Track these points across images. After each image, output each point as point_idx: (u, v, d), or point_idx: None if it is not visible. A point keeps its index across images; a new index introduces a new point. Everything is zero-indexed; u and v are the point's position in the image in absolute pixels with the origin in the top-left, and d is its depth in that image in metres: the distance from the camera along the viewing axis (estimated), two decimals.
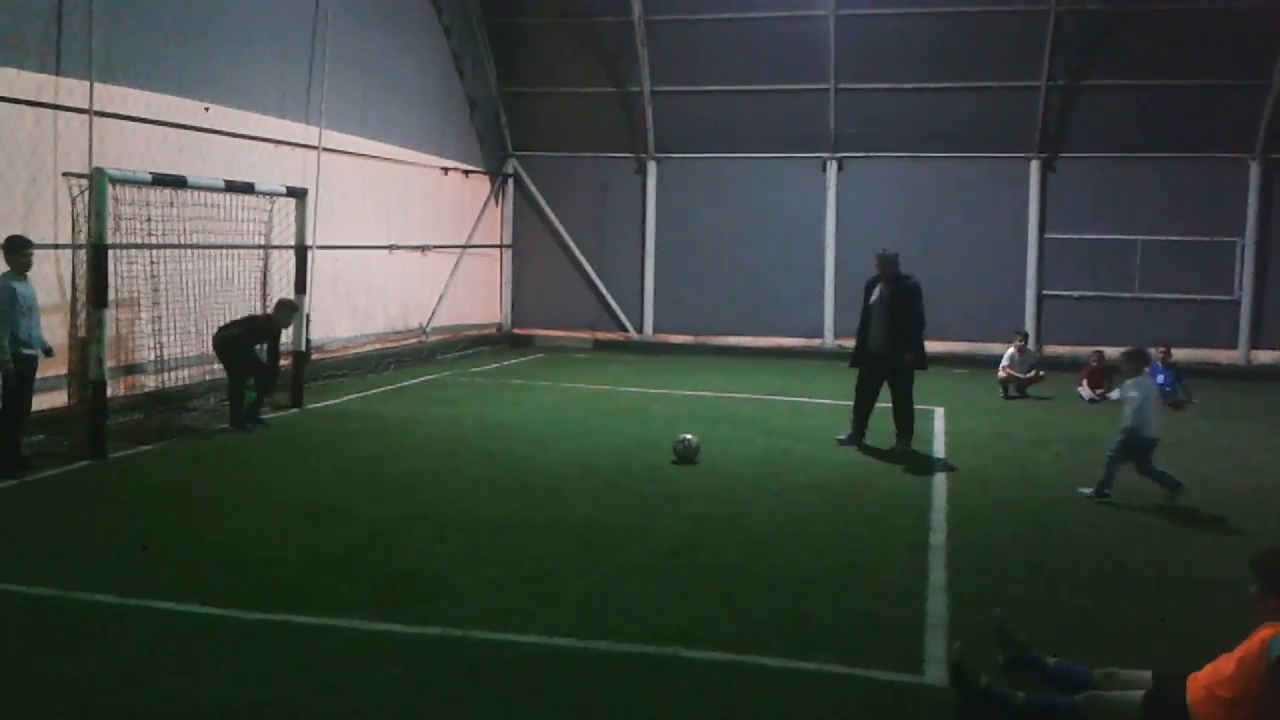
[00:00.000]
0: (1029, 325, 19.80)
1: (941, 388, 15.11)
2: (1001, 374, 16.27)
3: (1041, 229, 20.29)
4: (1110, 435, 9.51)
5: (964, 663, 5.07)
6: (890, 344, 11.54)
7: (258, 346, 12.07)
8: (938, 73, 19.90)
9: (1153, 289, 19.75)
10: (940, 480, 10.16)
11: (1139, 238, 19.77)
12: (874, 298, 11.73)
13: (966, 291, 19.72)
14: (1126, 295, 19.90)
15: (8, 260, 9.35)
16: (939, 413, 13.98)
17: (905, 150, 20.64)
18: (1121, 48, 19.29)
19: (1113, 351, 17.81)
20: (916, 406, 11.82)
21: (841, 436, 11.82)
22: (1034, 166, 20.21)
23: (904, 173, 20.76)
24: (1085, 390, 15.98)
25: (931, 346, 12.07)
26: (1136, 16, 18.98)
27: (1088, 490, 9.51)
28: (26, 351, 9.33)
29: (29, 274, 9.52)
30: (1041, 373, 16.41)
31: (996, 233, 20.40)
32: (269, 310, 12.79)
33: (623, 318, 22.13)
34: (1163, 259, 19.70)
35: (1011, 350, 16.46)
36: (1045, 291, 20.35)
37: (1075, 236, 20.11)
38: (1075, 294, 20.19)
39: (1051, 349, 19.77)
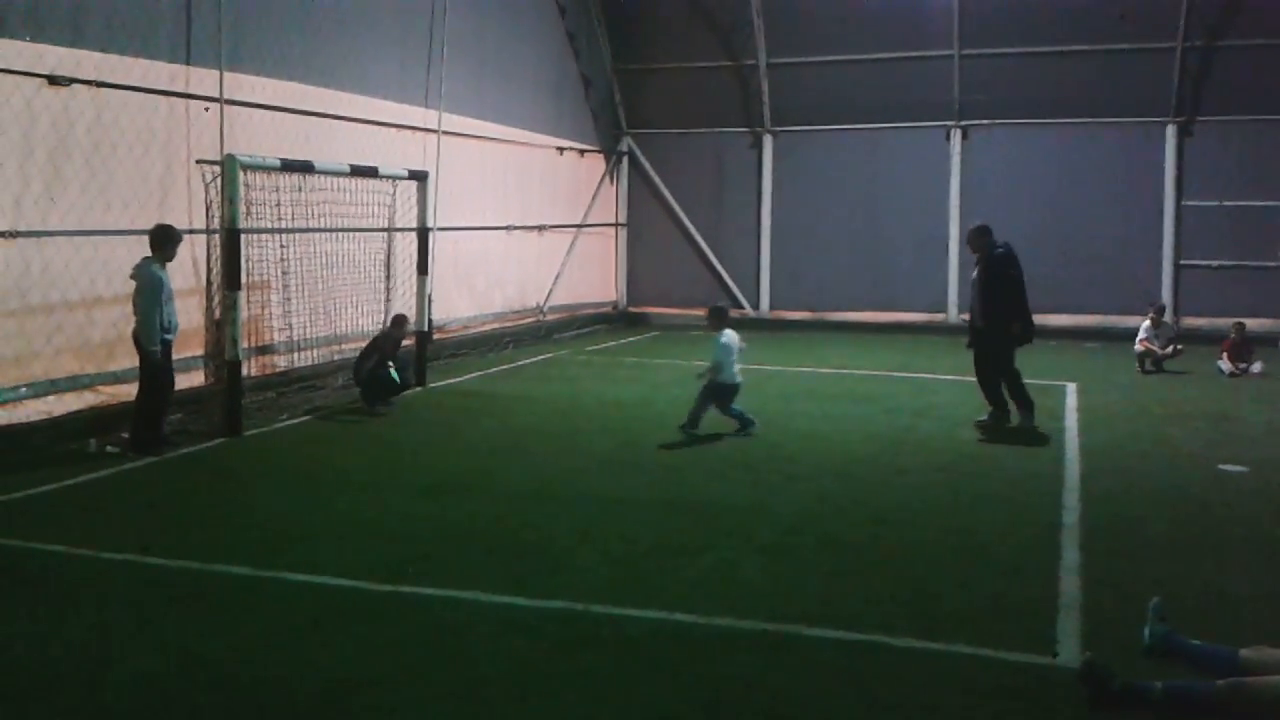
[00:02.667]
0: (1166, 296, 18.97)
1: (1073, 363, 14.62)
2: (1139, 347, 15.61)
3: (1179, 196, 19.43)
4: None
5: (1094, 668, 4.83)
6: (983, 317, 11.26)
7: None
8: (1067, 35, 19.18)
9: None
10: (1073, 457, 9.81)
11: None
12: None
13: (1099, 262, 19.05)
14: (1270, 264, 18.92)
15: (159, 250, 9.60)
16: (1071, 388, 13.50)
17: (1033, 117, 19.95)
18: (1260, 5, 18.28)
19: (1254, 323, 17.22)
20: (1045, 382, 11.45)
21: (982, 418, 11.39)
22: (1170, 131, 19.33)
23: (1032, 140, 20.09)
24: (1226, 364, 15.25)
25: (1060, 320, 11.66)
26: None
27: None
28: (167, 336, 9.69)
29: None
30: (1180, 346, 15.71)
31: (1131, 201, 19.58)
32: (386, 325, 12.85)
33: (739, 294, 21.96)
34: None
35: (1146, 323, 15.81)
36: (1183, 261, 19.48)
37: (1214, 203, 19.19)
38: (1214, 264, 19.28)
39: (1190, 321, 18.92)
